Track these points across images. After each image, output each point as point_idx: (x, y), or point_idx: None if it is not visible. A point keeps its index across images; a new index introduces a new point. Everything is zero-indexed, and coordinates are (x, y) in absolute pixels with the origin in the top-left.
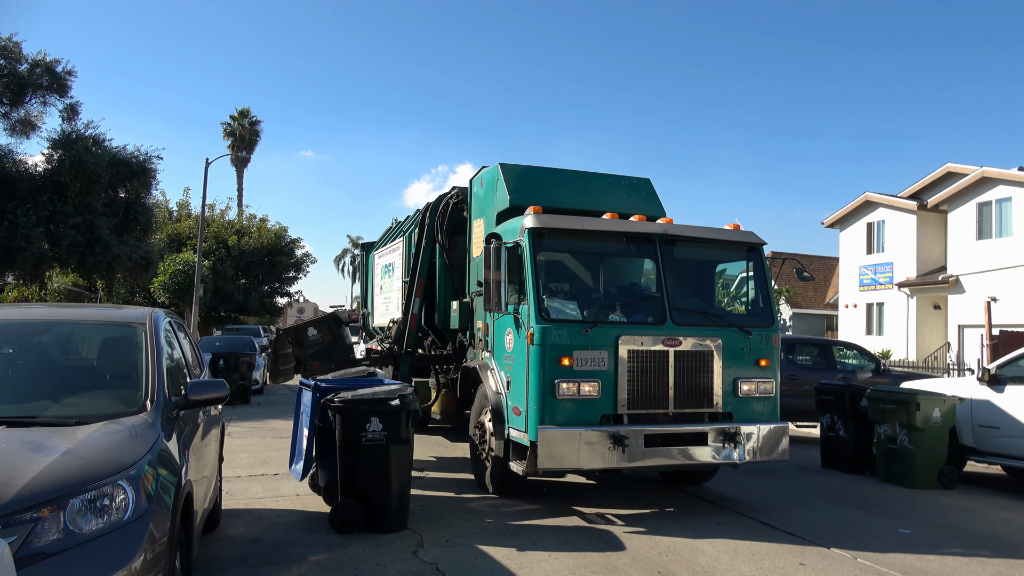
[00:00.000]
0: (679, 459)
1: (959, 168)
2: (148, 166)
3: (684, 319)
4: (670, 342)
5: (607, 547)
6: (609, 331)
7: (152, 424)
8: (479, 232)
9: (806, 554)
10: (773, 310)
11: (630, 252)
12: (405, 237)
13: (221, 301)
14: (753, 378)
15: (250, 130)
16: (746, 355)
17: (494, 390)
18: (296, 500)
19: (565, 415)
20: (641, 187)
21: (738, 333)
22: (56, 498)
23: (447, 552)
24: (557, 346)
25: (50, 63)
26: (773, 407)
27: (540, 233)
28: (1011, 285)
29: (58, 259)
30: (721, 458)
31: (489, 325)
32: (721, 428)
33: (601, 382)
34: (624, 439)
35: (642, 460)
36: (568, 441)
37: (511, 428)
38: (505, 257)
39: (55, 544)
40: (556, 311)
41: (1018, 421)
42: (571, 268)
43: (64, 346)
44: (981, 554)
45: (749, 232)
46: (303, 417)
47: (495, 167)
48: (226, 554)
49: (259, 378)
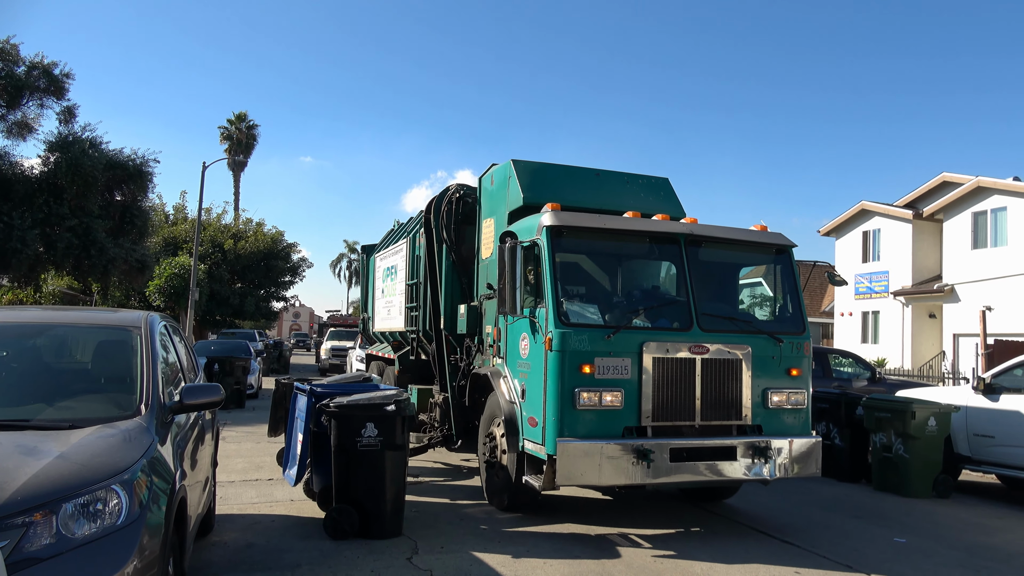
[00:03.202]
0: (707, 475)
1: (955, 178)
2: (145, 169)
3: (712, 325)
4: (697, 349)
5: (602, 554)
6: (633, 337)
7: (146, 428)
8: (489, 232)
9: (801, 563)
10: (804, 316)
11: (653, 253)
12: (409, 238)
13: (217, 305)
14: (784, 388)
15: (247, 134)
16: (776, 364)
17: (507, 399)
18: (290, 505)
19: (586, 427)
20: (660, 186)
21: (768, 341)
22: (49, 502)
23: (442, 559)
24: (577, 352)
25: (47, 65)
26: (805, 420)
27: (559, 231)
28: (1006, 294)
29: (53, 262)
30: (751, 474)
31: (502, 330)
32: (751, 442)
33: (624, 391)
34: (649, 453)
35: (668, 476)
36: (589, 455)
37: (526, 440)
38: (521, 257)
39: (47, 549)
40: (576, 315)
41: (1013, 430)
42: (591, 269)
43: (58, 349)
44: (975, 563)
45: (778, 234)
46: (298, 422)
47: (507, 163)
48: (219, 559)
49: (254, 382)
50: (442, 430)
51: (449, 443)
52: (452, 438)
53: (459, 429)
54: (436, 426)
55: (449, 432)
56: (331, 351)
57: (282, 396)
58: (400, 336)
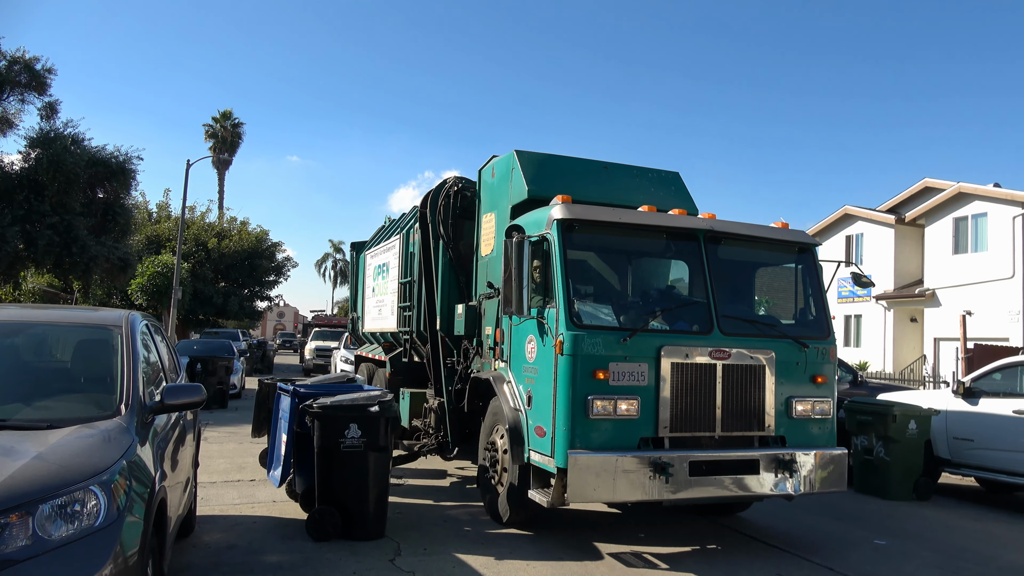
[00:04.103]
0: (729, 490)
1: (936, 183)
2: (128, 167)
3: (733, 328)
4: (718, 354)
5: (585, 556)
6: (650, 340)
7: (126, 429)
8: (489, 227)
9: (782, 565)
10: (829, 320)
11: (670, 250)
12: (402, 234)
13: (200, 304)
14: (809, 397)
15: (232, 132)
16: (801, 370)
17: (511, 406)
18: (272, 507)
19: (599, 438)
20: (671, 181)
21: (792, 346)
22: (25, 503)
23: (424, 560)
24: (591, 356)
25: (29, 60)
26: (831, 430)
27: (571, 225)
28: (986, 299)
29: (34, 259)
30: (777, 490)
31: (505, 331)
32: (774, 454)
33: (640, 399)
34: (667, 467)
35: (687, 491)
36: (603, 469)
37: (532, 451)
38: (529, 253)
39: (23, 551)
40: (589, 316)
41: (991, 433)
42: (604, 267)
43: (37, 348)
44: (954, 565)
45: (801, 232)
46: (281, 423)
47: (510, 155)
48: (200, 561)
49: (237, 382)
50: (437, 437)
51: (445, 451)
52: (448, 446)
53: (455, 437)
54: (431, 432)
55: (445, 439)
56: (315, 351)
57: (265, 396)
58: (392, 337)
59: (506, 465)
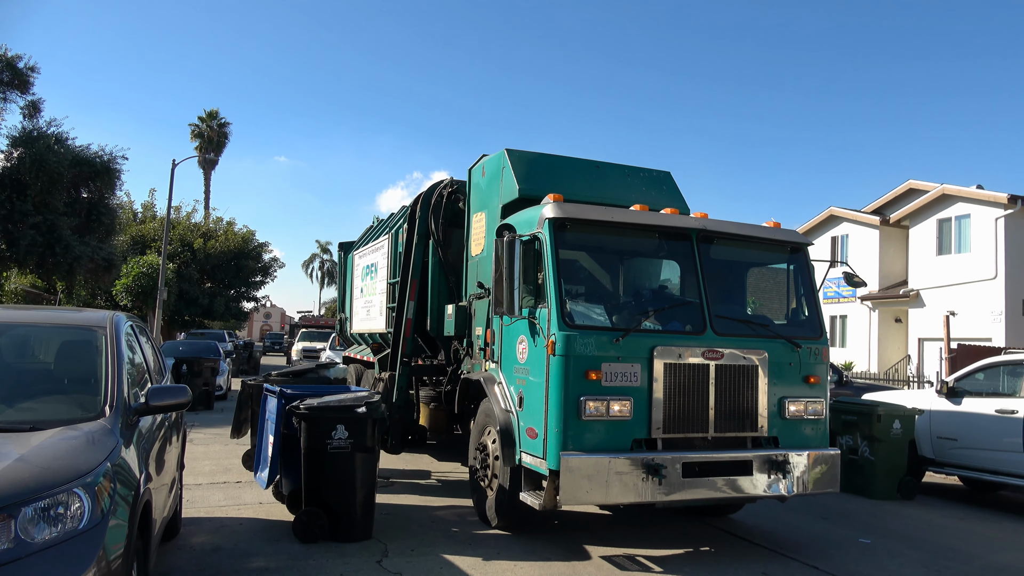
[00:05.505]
0: (723, 491)
1: (920, 185)
2: (113, 166)
3: (726, 328)
4: (711, 355)
5: (573, 556)
6: (643, 341)
7: (111, 430)
8: (479, 227)
9: (769, 565)
10: (821, 320)
11: (662, 250)
12: (391, 234)
13: (185, 305)
14: (802, 398)
15: (218, 132)
16: (794, 371)
17: (502, 407)
18: (259, 508)
19: (592, 439)
20: (662, 180)
21: (785, 346)
22: (7, 506)
23: (412, 561)
24: (583, 357)
25: (11, 59)
26: (824, 431)
27: (563, 224)
28: (969, 300)
29: (16, 259)
30: (770, 491)
31: (496, 332)
32: (768, 455)
33: (633, 400)
34: (661, 468)
35: (680, 493)
36: (596, 471)
37: (524, 453)
38: (520, 252)
39: (6, 554)
40: (581, 316)
41: (974, 433)
42: (596, 267)
43: (20, 349)
44: (938, 563)
45: (793, 231)
46: (268, 424)
47: (500, 153)
48: (185, 563)
49: (223, 384)
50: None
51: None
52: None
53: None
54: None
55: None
56: (302, 352)
57: (247, 397)
58: (380, 338)
59: (498, 468)
